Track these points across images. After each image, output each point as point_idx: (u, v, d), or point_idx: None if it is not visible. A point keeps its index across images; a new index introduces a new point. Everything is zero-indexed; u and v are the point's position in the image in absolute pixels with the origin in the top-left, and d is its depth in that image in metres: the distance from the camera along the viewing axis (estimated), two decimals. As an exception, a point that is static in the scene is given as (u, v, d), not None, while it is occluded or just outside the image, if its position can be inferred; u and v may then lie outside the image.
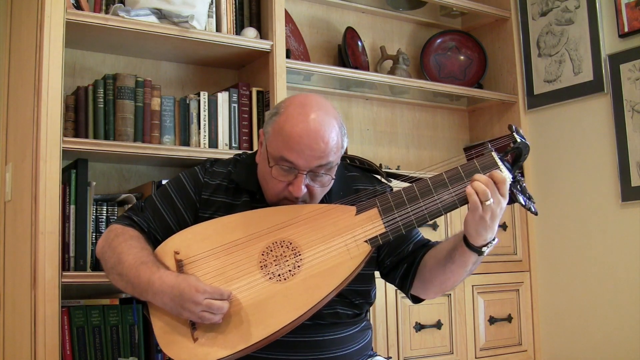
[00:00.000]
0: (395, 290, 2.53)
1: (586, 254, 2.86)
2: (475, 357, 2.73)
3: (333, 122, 1.48)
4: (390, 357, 2.48)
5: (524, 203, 1.45)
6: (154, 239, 1.52)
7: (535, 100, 3.08)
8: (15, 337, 2.04)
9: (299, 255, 1.41)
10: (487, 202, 1.34)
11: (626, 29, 2.74)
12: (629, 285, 2.69)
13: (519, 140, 1.46)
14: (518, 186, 1.45)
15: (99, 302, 2.05)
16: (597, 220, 2.82)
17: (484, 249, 1.42)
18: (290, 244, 1.42)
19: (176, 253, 1.44)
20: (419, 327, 2.58)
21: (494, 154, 1.44)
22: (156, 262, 1.43)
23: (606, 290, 2.77)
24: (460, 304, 2.71)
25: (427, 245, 1.59)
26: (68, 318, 1.96)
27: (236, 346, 1.32)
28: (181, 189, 1.57)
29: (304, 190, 1.46)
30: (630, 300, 2.68)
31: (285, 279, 1.38)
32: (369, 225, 1.42)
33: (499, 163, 1.43)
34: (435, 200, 1.40)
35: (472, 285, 2.76)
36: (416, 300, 1.62)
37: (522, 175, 1.50)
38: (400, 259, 1.58)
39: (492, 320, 2.80)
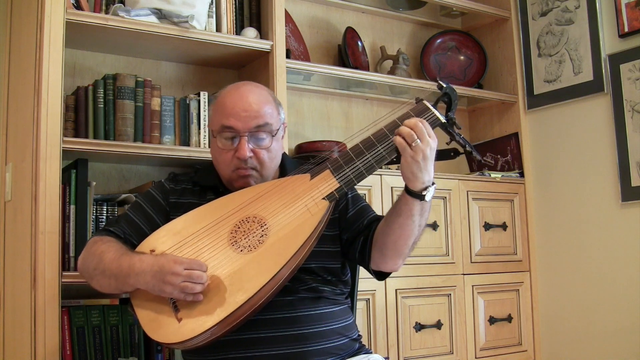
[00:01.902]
0: (396, 290, 2.53)
1: (586, 254, 2.86)
2: (475, 357, 2.73)
3: (264, 92, 1.67)
4: (387, 358, 2.48)
5: (462, 143, 1.58)
6: (131, 245, 1.59)
7: (535, 100, 3.08)
8: (15, 337, 2.04)
9: (265, 225, 1.49)
10: (414, 144, 1.44)
11: (626, 29, 2.74)
12: (629, 285, 2.69)
13: (444, 86, 1.58)
14: (455, 128, 1.57)
15: (99, 302, 2.05)
16: (597, 220, 2.82)
17: (424, 193, 1.49)
18: (255, 217, 1.51)
19: (152, 251, 1.50)
20: (419, 327, 2.58)
21: (425, 101, 1.55)
22: (136, 252, 1.51)
23: (606, 290, 2.77)
24: (460, 304, 2.71)
25: (380, 219, 1.66)
26: (68, 318, 1.96)
27: (219, 315, 1.37)
28: (150, 198, 1.69)
29: (249, 152, 1.58)
30: (630, 300, 2.68)
31: (255, 248, 1.46)
32: (324, 184, 1.52)
33: (430, 107, 1.54)
34: (379, 149, 1.51)
35: (472, 285, 2.76)
36: (380, 276, 1.68)
37: (458, 127, 1.61)
38: (356, 234, 1.66)
39: (492, 320, 2.80)
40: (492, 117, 3.24)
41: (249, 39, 2.36)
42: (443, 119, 1.53)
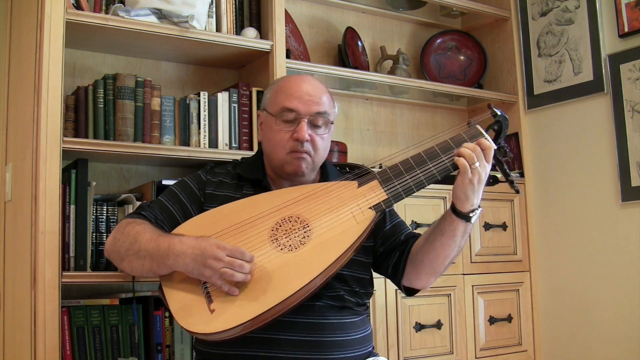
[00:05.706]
0: (396, 290, 2.53)
1: (586, 254, 2.86)
2: (475, 357, 2.73)
3: (323, 86, 1.69)
4: None
5: (507, 173, 1.61)
6: (162, 231, 1.55)
7: (535, 100, 3.08)
8: (15, 337, 2.04)
9: (308, 227, 1.48)
10: (473, 166, 1.46)
11: (626, 29, 2.74)
12: (629, 285, 2.69)
13: (499, 114, 1.61)
14: (504, 155, 1.60)
15: (99, 302, 2.06)
16: (597, 220, 2.82)
17: (471, 215, 1.51)
18: (299, 218, 1.49)
19: None
20: (419, 327, 2.58)
21: (478, 126, 1.57)
22: (175, 233, 1.49)
23: (606, 290, 2.77)
24: (460, 304, 2.71)
25: (417, 236, 1.67)
26: (68, 318, 1.96)
27: (253, 312, 1.34)
28: (185, 186, 1.67)
29: (307, 136, 1.58)
30: (630, 300, 2.68)
31: (296, 248, 1.44)
32: (372, 194, 1.51)
33: (483, 132, 1.55)
34: (430, 167, 1.52)
35: (472, 285, 2.76)
36: (409, 292, 1.68)
37: (504, 152, 1.63)
38: (392, 247, 1.66)
39: (492, 320, 2.80)
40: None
41: (249, 39, 2.36)
42: (495, 146, 1.54)
